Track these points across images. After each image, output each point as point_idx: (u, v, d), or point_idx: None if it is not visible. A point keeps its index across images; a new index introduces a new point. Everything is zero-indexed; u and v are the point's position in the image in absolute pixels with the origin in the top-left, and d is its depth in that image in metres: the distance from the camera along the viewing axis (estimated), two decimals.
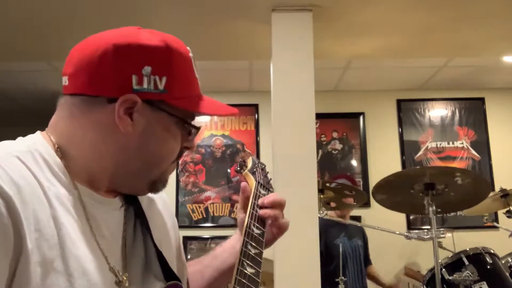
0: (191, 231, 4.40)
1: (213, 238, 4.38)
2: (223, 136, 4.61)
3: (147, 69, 0.80)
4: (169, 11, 2.86)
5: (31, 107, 4.67)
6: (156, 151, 0.84)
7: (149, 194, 0.95)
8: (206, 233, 4.41)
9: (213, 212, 4.46)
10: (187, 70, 0.86)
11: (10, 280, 0.68)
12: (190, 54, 0.88)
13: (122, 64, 0.79)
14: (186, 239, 4.36)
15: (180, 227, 4.35)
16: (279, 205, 1.03)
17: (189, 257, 4.29)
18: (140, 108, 0.80)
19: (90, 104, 0.81)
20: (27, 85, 4.36)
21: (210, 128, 4.62)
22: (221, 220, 4.43)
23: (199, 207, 4.46)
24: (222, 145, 4.59)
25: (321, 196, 3.10)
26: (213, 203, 4.47)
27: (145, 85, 0.80)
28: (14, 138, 0.83)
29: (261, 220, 1.00)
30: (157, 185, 0.88)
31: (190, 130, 0.88)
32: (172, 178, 4.47)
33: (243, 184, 1.08)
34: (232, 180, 4.51)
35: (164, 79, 0.81)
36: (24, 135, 0.84)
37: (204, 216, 4.45)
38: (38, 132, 0.84)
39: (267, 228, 1.01)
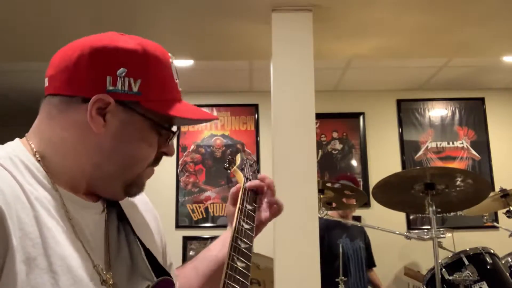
0: (191, 231, 4.40)
1: (213, 238, 4.35)
2: (223, 136, 4.61)
3: (122, 71, 0.81)
4: (169, 11, 2.86)
5: (31, 107, 4.66)
6: (130, 153, 0.85)
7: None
8: (206, 233, 4.41)
9: (213, 212, 4.46)
10: (164, 74, 0.86)
11: None
12: (171, 60, 0.89)
13: (97, 65, 0.81)
14: (186, 239, 4.36)
15: (180, 227, 4.35)
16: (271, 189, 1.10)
17: (191, 253, 4.29)
18: (113, 109, 0.81)
19: (67, 104, 0.82)
20: (27, 85, 4.36)
21: (210, 128, 4.62)
22: (221, 220, 4.43)
23: (199, 207, 4.46)
24: (222, 145, 4.59)
25: (321, 196, 3.10)
26: (213, 203, 4.47)
27: (119, 86, 0.81)
28: (14, 138, 0.84)
29: (251, 215, 1.02)
30: (132, 189, 0.89)
31: (168, 135, 0.89)
32: (172, 178, 4.48)
33: (237, 185, 1.11)
34: (232, 180, 4.50)
35: (138, 82, 0.82)
36: (23, 135, 0.85)
37: (204, 216, 4.45)
38: (17, 139, 0.85)
39: (258, 215, 1.05)
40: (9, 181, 0.74)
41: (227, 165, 1.19)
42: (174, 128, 0.90)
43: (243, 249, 0.90)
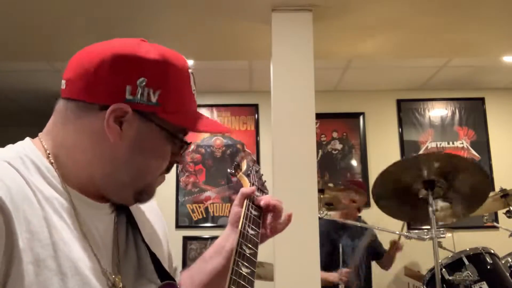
0: (191, 231, 4.40)
1: (213, 238, 4.38)
2: (223, 136, 4.61)
3: (142, 81, 0.80)
4: (169, 12, 2.86)
5: (31, 107, 4.67)
6: (143, 163, 0.85)
7: None
8: (206, 233, 4.41)
9: (213, 212, 4.46)
10: (183, 86, 0.86)
11: (5, 279, 0.69)
12: (190, 70, 0.88)
13: (118, 74, 0.80)
14: (186, 239, 4.36)
15: (180, 227, 4.34)
16: (278, 209, 1.06)
17: (192, 249, 4.29)
18: (130, 119, 0.81)
19: (84, 110, 0.82)
20: (27, 85, 4.36)
21: None
22: (221, 220, 4.43)
23: (199, 207, 4.46)
24: (222, 145, 4.59)
25: (321, 196, 3.10)
26: (213, 203, 4.47)
27: (138, 96, 0.80)
28: (14, 138, 0.84)
29: (256, 221, 1.01)
30: (142, 196, 0.89)
31: (181, 145, 0.89)
32: (172, 178, 4.48)
33: (250, 188, 1.09)
34: (232, 180, 4.50)
35: (158, 92, 0.81)
36: (24, 135, 0.85)
37: (204, 216, 4.45)
38: (27, 139, 0.85)
39: (262, 228, 1.04)
40: (18, 180, 0.74)
41: (233, 170, 1.19)
42: (188, 139, 0.90)
43: (248, 255, 0.89)
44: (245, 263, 0.87)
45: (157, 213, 1.03)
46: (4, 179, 0.72)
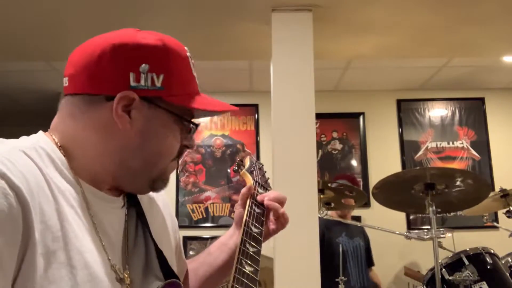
0: (191, 231, 4.40)
1: (213, 238, 4.37)
2: (223, 136, 4.61)
3: (145, 67, 0.81)
4: (169, 11, 2.86)
5: (31, 107, 4.67)
6: (155, 148, 0.85)
7: (150, 194, 0.96)
8: (206, 233, 4.41)
9: (213, 212, 4.46)
10: (184, 68, 0.87)
11: (17, 270, 0.69)
12: (188, 54, 0.89)
13: (120, 62, 0.81)
14: (186, 239, 4.36)
15: (180, 227, 4.35)
16: (280, 202, 1.07)
17: (191, 253, 4.29)
18: (137, 105, 0.81)
19: (89, 102, 0.82)
20: (27, 85, 4.36)
21: (210, 128, 4.61)
22: (221, 220, 4.43)
23: (199, 207, 4.46)
24: (222, 145, 4.59)
25: (321, 196, 3.09)
26: (213, 203, 4.47)
27: (142, 82, 0.81)
28: (14, 138, 0.84)
29: (260, 219, 1.01)
30: (158, 184, 0.89)
31: (190, 128, 0.89)
32: (172, 178, 4.46)
33: (248, 185, 1.10)
34: (232, 180, 4.51)
35: (161, 77, 0.82)
36: (24, 135, 0.85)
37: (204, 216, 4.45)
38: (40, 132, 0.85)
39: (265, 225, 1.04)
40: (34, 171, 0.74)
41: (236, 167, 1.19)
42: (196, 121, 0.90)
43: (252, 253, 0.89)
44: (248, 262, 0.87)
45: (168, 209, 1.04)
46: (22, 169, 0.72)
